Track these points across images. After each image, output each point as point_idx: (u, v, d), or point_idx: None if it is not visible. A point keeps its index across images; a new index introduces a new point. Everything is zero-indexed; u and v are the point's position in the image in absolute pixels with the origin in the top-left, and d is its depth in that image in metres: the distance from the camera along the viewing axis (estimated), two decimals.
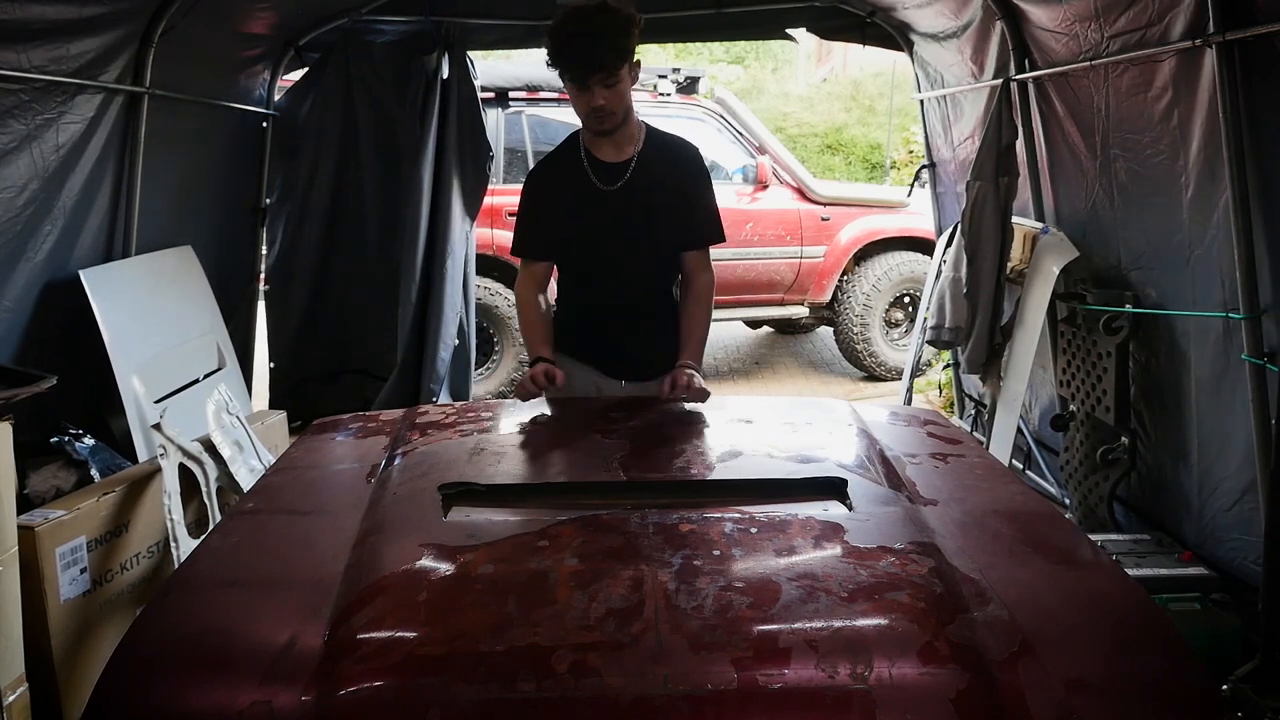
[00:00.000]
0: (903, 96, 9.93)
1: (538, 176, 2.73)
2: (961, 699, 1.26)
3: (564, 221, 2.61)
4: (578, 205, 2.59)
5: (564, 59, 2.41)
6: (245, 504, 1.96)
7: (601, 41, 2.37)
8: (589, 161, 2.58)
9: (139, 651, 1.41)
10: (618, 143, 2.56)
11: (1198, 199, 3.07)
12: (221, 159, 4.89)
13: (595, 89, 2.41)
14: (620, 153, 2.57)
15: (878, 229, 6.98)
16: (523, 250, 2.70)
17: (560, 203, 2.61)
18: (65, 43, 3.31)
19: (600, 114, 2.45)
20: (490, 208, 6.17)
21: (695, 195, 2.63)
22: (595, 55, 2.38)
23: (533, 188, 2.70)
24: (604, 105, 2.43)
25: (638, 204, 2.55)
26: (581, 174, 2.57)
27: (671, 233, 2.62)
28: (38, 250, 3.42)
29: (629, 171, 2.55)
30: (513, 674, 1.28)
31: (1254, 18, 2.63)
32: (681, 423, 2.33)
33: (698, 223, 2.64)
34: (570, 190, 2.59)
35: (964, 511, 1.78)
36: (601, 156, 2.57)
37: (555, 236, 2.64)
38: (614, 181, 2.55)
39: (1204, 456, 3.19)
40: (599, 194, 2.56)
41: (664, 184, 2.57)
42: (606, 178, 2.56)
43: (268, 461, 3.41)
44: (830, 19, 5.35)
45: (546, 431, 2.32)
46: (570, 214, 2.60)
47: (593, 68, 2.39)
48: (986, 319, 4.21)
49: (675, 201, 2.59)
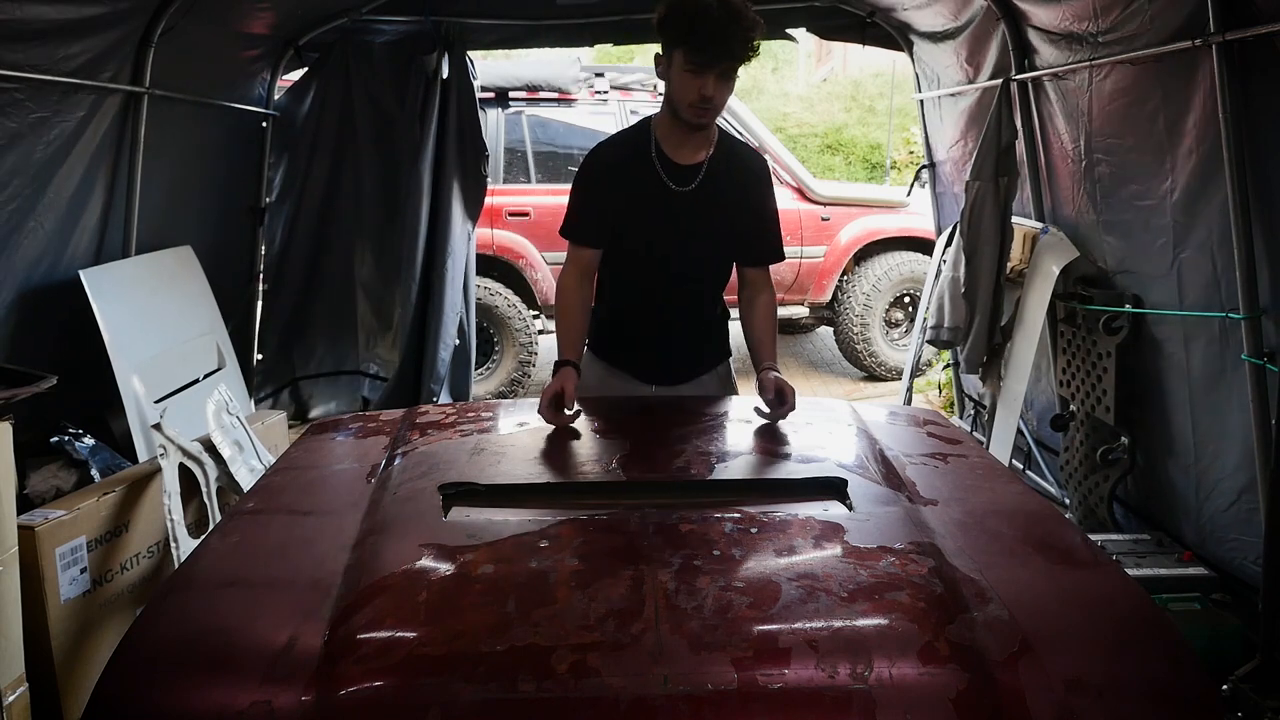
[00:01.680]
0: (903, 96, 9.92)
1: (603, 159, 2.54)
2: (961, 699, 1.26)
3: (624, 212, 2.48)
4: (642, 200, 2.46)
5: (698, 38, 2.25)
6: (245, 504, 1.96)
7: (748, 34, 2.25)
8: (660, 158, 2.45)
9: (139, 651, 1.41)
10: (694, 143, 2.45)
11: (1184, 201, 3.07)
12: (221, 159, 4.90)
13: (711, 78, 2.28)
14: (694, 155, 2.45)
15: (878, 229, 6.98)
16: (574, 233, 2.53)
17: (623, 192, 2.48)
18: (65, 42, 3.31)
19: (706, 105, 2.32)
20: (490, 208, 6.17)
21: (764, 210, 2.55)
22: (733, 45, 2.25)
23: (594, 171, 2.53)
24: (713, 98, 2.31)
25: (704, 210, 2.46)
26: (651, 169, 2.45)
27: (732, 243, 2.54)
28: (37, 250, 3.42)
29: (700, 175, 2.44)
30: (513, 674, 1.28)
31: (1254, 18, 2.63)
32: (682, 423, 2.33)
33: (764, 240, 2.57)
34: (637, 183, 2.46)
35: (964, 511, 1.77)
36: (674, 155, 2.45)
37: (612, 226, 2.50)
38: (685, 183, 2.44)
39: (1202, 456, 3.19)
40: (667, 193, 2.44)
41: (731, 193, 2.48)
42: (678, 178, 2.45)
43: (268, 461, 3.41)
44: (830, 19, 5.35)
45: (547, 431, 2.32)
46: (632, 207, 2.48)
47: (725, 56, 2.26)
48: (985, 319, 4.22)
49: (740, 212, 2.51)
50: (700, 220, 2.47)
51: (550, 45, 5.73)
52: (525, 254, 6.47)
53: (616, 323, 2.64)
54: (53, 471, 3.15)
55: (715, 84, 2.29)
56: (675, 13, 2.28)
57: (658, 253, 2.51)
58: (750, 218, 2.53)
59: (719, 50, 2.26)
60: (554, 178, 6.54)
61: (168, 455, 3.06)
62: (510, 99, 6.59)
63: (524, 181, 6.60)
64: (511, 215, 6.47)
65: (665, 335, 2.59)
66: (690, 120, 2.37)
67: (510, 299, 6.40)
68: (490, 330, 6.39)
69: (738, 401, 2.58)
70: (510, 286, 6.45)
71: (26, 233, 3.36)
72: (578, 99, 6.68)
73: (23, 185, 3.28)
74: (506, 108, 6.59)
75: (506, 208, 6.45)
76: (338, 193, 5.52)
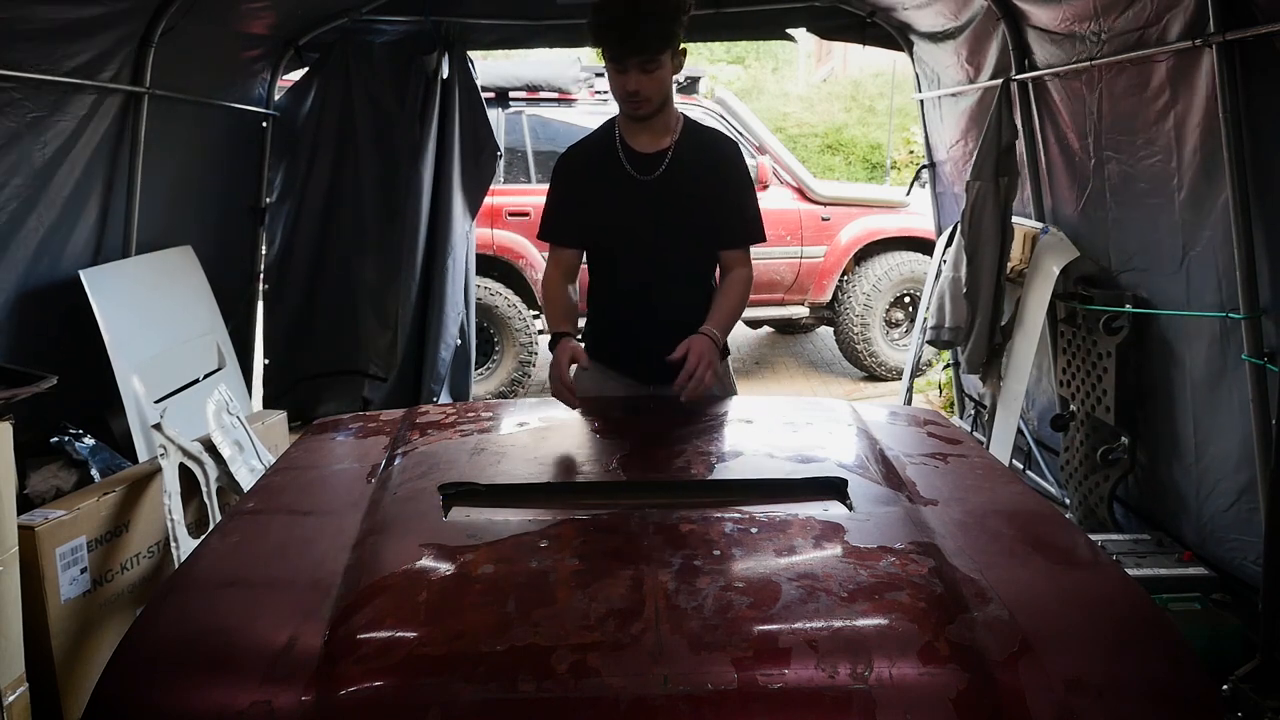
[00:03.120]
0: (903, 96, 9.93)
1: (570, 160, 2.61)
2: (961, 699, 1.26)
3: (596, 208, 2.52)
4: (610, 192, 2.50)
5: (603, 37, 2.31)
6: (245, 504, 1.96)
7: (648, 24, 2.26)
8: (624, 150, 2.49)
9: (139, 651, 1.41)
10: (654, 131, 2.47)
11: (1192, 200, 3.07)
12: (221, 159, 4.90)
13: (632, 72, 2.31)
14: (656, 142, 2.48)
15: (878, 229, 6.99)
16: (550, 234, 2.60)
17: (592, 188, 2.52)
18: (65, 42, 3.31)
19: (635, 99, 2.36)
20: (491, 208, 6.18)
21: (734, 192, 2.54)
22: (637, 37, 2.27)
23: (564, 171, 2.59)
24: (639, 91, 2.34)
25: (673, 195, 2.47)
26: (616, 161, 2.49)
27: (708, 228, 2.53)
28: (37, 250, 3.42)
29: (665, 162, 2.46)
30: (513, 674, 1.28)
31: (1254, 18, 2.63)
32: (682, 423, 2.33)
33: (737, 221, 2.55)
34: (603, 177, 2.50)
35: (964, 511, 1.77)
36: (636, 145, 2.48)
37: (585, 222, 2.54)
38: (650, 171, 2.47)
39: (1202, 456, 3.19)
40: (633, 182, 2.47)
41: (701, 177, 2.48)
42: (642, 167, 2.47)
43: (268, 461, 3.41)
44: (830, 19, 5.35)
45: (547, 431, 2.32)
46: (603, 201, 2.51)
47: (633, 49, 2.28)
48: (986, 319, 4.22)
49: (712, 196, 2.50)
50: (670, 208, 2.48)
51: (550, 45, 5.73)
52: (525, 254, 6.48)
53: (608, 324, 2.65)
54: (53, 471, 3.15)
55: (637, 77, 2.32)
56: (590, 12, 2.33)
57: (636, 242, 2.52)
58: (721, 200, 2.52)
59: (625, 44, 2.28)
60: None
61: (168, 455, 3.06)
62: (510, 99, 6.60)
63: (524, 181, 6.61)
64: (511, 215, 6.48)
65: (656, 333, 2.53)
66: (629, 114, 2.43)
67: (510, 299, 6.41)
68: (490, 330, 6.39)
69: (737, 401, 2.58)
70: (510, 286, 6.46)
71: (26, 232, 3.36)
72: (578, 99, 6.69)
73: (23, 185, 3.28)
74: (506, 108, 6.59)
75: (506, 208, 6.46)
76: (338, 193, 5.51)
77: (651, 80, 2.34)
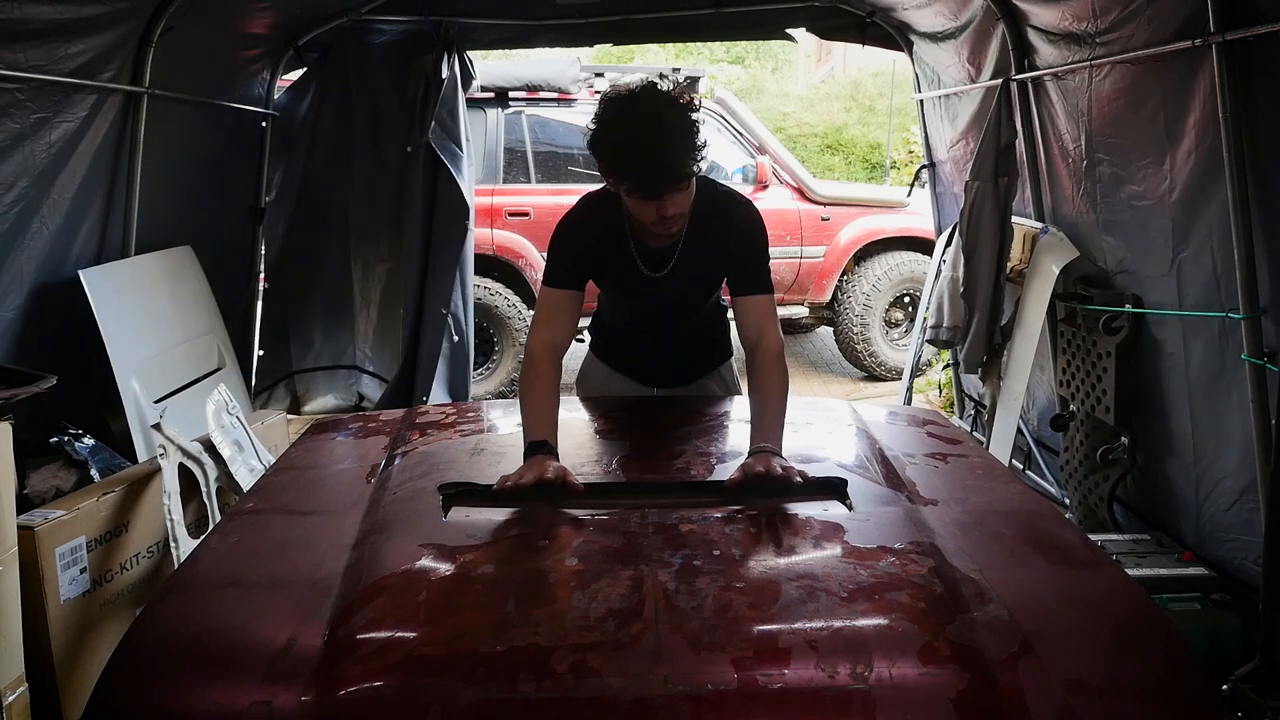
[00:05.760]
0: (903, 96, 9.92)
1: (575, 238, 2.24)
2: (961, 699, 1.26)
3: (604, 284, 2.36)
4: (620, 280, 2.31)
5: (637, 177, 1.97)
6: (245, 504, 1.96)
7: (684, 148, 1.94)
8: (637, 249, 2.22)
9: (139, 651, 1.41)
10: None
11: (1183, 200, 3.07)
12: (221, 159, 4.89)
13: (668, 197, 2.00)
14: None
15: (878, 229, 6.98)
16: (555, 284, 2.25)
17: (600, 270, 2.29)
18: (65, 42, 3.30)
19: (669, 222, 2.06)
20: (491, 208, 6.17)
21: (747, 256, 2.23)
22: (676, 166, 1.95)
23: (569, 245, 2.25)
24: (674, 214, 2.04)
25: (684, 281, 2.28)
26: (626, 254, 2.22)
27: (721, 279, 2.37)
28: (37, 250, 3.42)
29: (676, 254, 2.21)
30: (513, 674, 1.28)
31: (1254, 18, 2.63)
32: (682, 423, 2.33)
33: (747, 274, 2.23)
34: (613, 265, 2.26)
35: (964, 511, 1.77)
36: (648, 240, 2.20)
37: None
38: (660, 267, 2.24)
39: (1202, 456, 3.19)
40: (643, 277, 2.25)
41: (713, 256, 2.24)
42: (653, 264, 2.23)
43: (268, 461, 3.41)
44: (830, 19, 5.35)
45: None
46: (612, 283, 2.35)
47: (673, 180, 1.97)
48: (985, 318, 4.22)
49: (725, 265, 2.26)
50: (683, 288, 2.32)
51: (550, 45, 5.73)
52: (525, 254, 6.47)
53: (614, 334, 2.64)
54: (53, 471, 3.15)
55: (673, 199, 2.00)
56: (605, 142, 2.00)
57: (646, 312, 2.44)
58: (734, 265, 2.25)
59: (665, 178, 1.97)
60: (554, 178, 6.54)
61: (167, 455, 3.06)
62: (510, 99, 6.59)
63: (524, 181, 6.60)
64: (511, 215, 6.47)
65: (664, 350, 2.57)
66: (658, 233, 2.12)
67: (510, 299, 6.40)
68: (490, 330, 6.39)
69: (738, 401, 2.58)
70: (510, 286, 6.45)
71: (27, 233, 3.36)
72: (578, 99, 6.68)
73: (23, 185, 3.27)
74: (506, 108, 6.58)
75: (506, 208, 6.45)
76: (337, 192, 5.52)
77: (684, 196, 2.04)
